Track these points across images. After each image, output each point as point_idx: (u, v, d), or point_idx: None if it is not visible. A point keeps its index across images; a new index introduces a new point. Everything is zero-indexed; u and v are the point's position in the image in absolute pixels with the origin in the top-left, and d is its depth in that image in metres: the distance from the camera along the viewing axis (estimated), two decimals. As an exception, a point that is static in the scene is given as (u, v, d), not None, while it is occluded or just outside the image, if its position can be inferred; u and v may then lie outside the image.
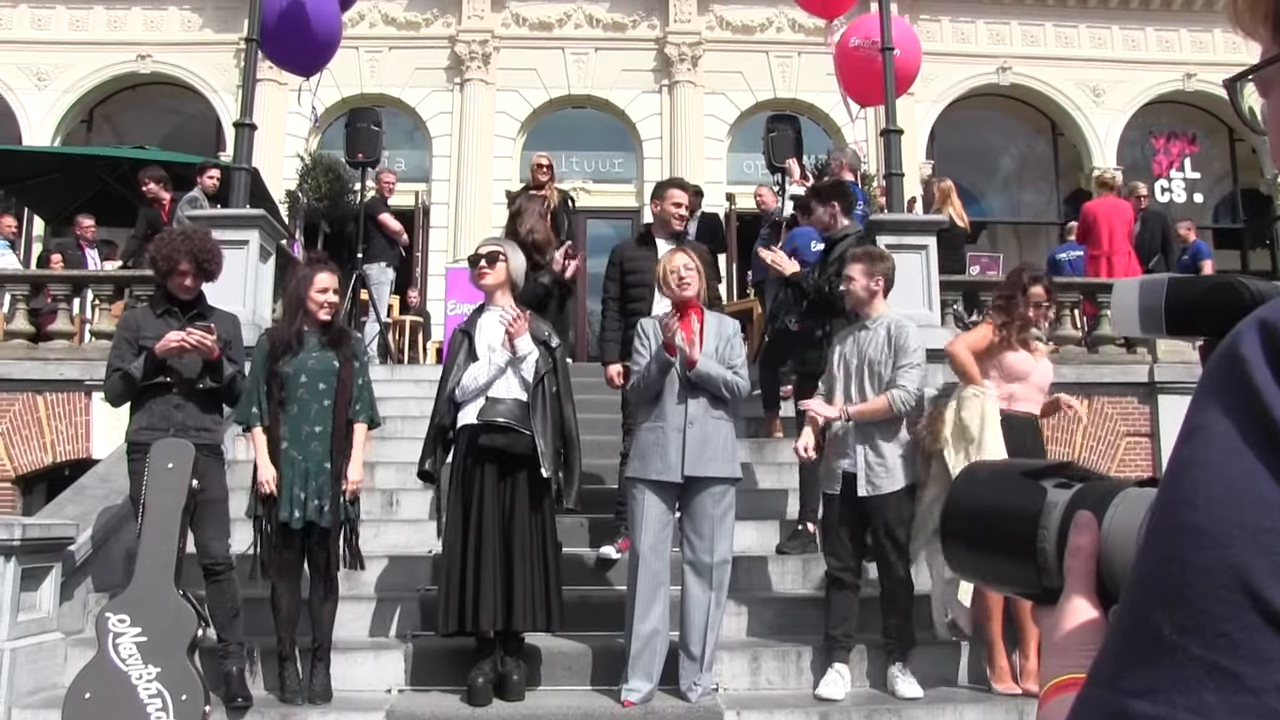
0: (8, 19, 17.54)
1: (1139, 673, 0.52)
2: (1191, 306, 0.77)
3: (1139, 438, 9.53)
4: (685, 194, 6.70)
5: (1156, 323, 0.79)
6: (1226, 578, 0.50)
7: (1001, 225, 19.72)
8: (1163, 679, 0.51)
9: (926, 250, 8.46)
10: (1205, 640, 0.50)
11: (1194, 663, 0.50)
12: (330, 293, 5.23)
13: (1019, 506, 0.78)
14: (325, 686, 5.05)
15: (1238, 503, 0.51)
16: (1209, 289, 0.76)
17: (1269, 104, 0.67)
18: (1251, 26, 0.66)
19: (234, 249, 7.35)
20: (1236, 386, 0.53)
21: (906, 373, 5.21)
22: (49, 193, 13.53)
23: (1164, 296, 0.79)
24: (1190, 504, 0.53)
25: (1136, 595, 0.55)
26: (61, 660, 5.33)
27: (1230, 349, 0.54)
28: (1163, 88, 18.08)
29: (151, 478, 4.82)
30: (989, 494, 0.83)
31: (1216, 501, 0.51)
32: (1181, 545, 0.52)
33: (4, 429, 9.33)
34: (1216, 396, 0.54)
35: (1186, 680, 0.50)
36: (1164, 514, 0.55)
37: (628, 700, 4.87)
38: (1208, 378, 0.55)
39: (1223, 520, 0.51)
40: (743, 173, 17.18)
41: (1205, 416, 0.54)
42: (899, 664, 5.24)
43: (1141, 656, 0.52)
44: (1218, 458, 0.52)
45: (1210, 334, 0.72)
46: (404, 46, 17.69)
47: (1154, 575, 0.54)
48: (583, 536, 6.47)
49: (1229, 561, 0.50)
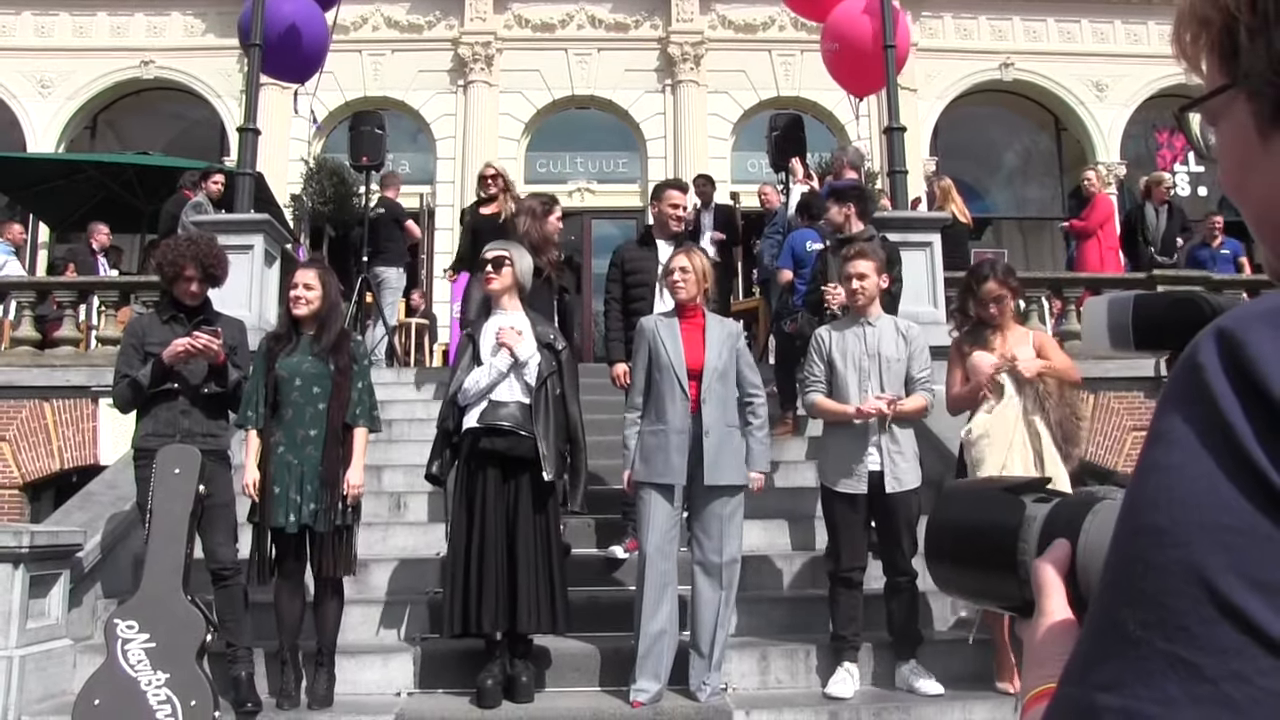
0: (11, 26, 17.56)
1: (1106, 668, 0.55)
2: (1157, 322, 0.79)
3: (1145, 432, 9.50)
4: (683, 195, 6.72)
5: (1125, 339, 0.81)
6: (1186, 574, 0.53)
7: (1006, 221, 19.69)
8: (1128, 672, 0.54)
9: (931, 247, 8.46)
10: (1167, 634, 0.53)
11: (1157, 656, 0.53)
12: (301, 287, 5.19)
13: (999, 521, 0.80)
14: (327, 692, 5.04)
15: (1197, 504, 0.54)
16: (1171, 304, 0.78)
17: (1217, 133, 0.69)
18: (1195, 57, 0.68)
19: (239, 254, 7.36)
20: (1196, 394, 0.56)
21: (929, 374, 5.35)
22: (54, 200, 13.58)
23: (1130, 314, 0.80)
24: (1153, 505, 0.56)
25: (1104, 595, 0.58)
26: (70, 667, 5.34)
27: (1190, 358, 0.57)
28: (1166, 82, 18.00)
29: (158, 484, 4.83)
30: (970, 511, 0.85)
31: (1177, 503, 0.54)
32: (1144, 545, 0.55)
33: (11, 436, 9.35)
34: (1177, 403, 0.57)
35: (1150, 673, 0.53)
36: (1129, 516, 0.58)
37: (636, 701, 4.88)
38: (1170, 385, 0.58)
39: (1183, 520, 0.54)
40: (747, 172, 17.15)
41: (1167, 423, 0.57)
42: (913, 661, 5.24)
43: (1108, 652, 0.55)
44: (1179, 461, 0.55)
45: (1176, 348, 0.74)
46: (407, 49, 17.68)
47: (1120, 575, 0.56)
48: (590, 537, 6.48)
49: (1188, 559, 0.53)
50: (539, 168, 17.87)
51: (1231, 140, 0.67)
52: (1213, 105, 0.67)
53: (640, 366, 5.17)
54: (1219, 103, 0.66)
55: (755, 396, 5.21)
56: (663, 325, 5.19)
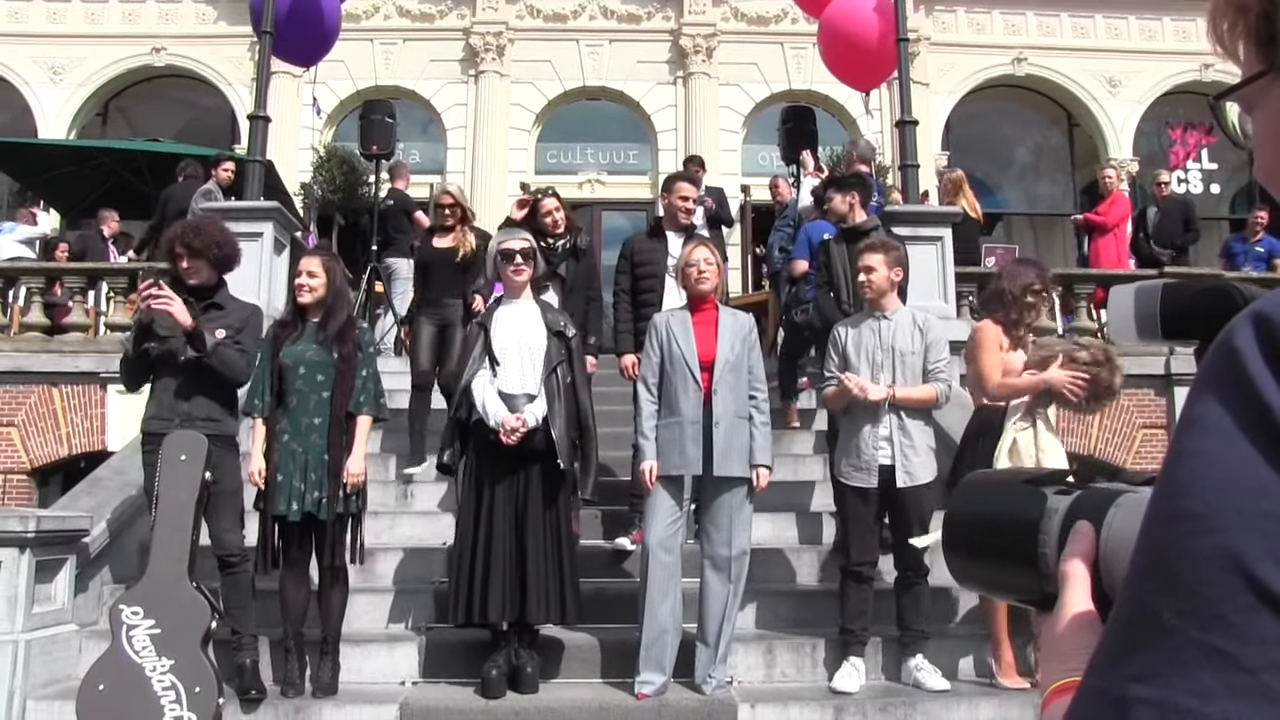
0: (24, 13, 17.59)
1: (1137, 658, 0.53)
2: (1185, 311, 0.77)
3: (1155, 430, 9.48)
4: (693, 188, 6.70)
5: (1152, 329, 0.79)
6: (1223, 561, 0.51)
7: (1017, 217, 19.64)
8: (1161, 663, 0.52)
9: (942, 242, 8.42)
10: (1202, 623, 0.51)
11: (1192, 645, 0.51)
12: (305, 274, 5.17)
13: (1020, 513, 0.79)
14: (332, 680, 5.04)
15: (1234, 489, 0.52)
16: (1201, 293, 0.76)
17: (1254, 121, 0.67)
18: (1232, 45, 0.67)
19: (248, 241, 7.35)
20: (1232, 377, 0.54)
21: (948, 368, 5.29)
22: (64, 186, 13.59)
23: (1158, 303, 0.79)
24: (1187, 491, 0.54)
25: (1135, 584, 0.56)
26: (76, 652, 5.35)
27: (1226, 341, 0.55)
28: (1180, 78, 17.94)
29: (164, 470, 4.83)
30: (989, 503, 0.84)
31: (1213, 488, 0.53)
32: (1179, 532, 0.53)
33: (20, 421, 9.37)
34: (1212, 388, 0.55)
35: (1185, 663, 0.51)
36: (1162, 502, 0.56)
37: (641, 693, 4.87)
38: (1204, 370, 0.56)
39: (1219, 506, 0.52)
40: (758, 164, 17.12)
41: (1201, 407, 0.55)
42: (920, 656, 5.22)
43: (1140, 642, 0.53)
44: (1214, 446, 0.54)
45: (1205, 338, 0.72)
46: (418, 38, 17.67)
47: (1152, 563, 0.55)
48: (598, 528, 6.47)
49: (1225, 546, 0.51)
50: (549, 159, 17.86)
51: (1268, 126, 0.66)
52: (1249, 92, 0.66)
53: (653, 361, 5.15)
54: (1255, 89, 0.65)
55: (759, 391, 5.19)
56: (674, 319, 5.19)
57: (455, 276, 7.11)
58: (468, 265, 7.09)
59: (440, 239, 7.27)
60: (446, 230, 7.24)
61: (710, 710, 4.90)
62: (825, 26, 9.48)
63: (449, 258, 7.12)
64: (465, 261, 7.10)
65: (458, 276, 7.12)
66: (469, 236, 7.22)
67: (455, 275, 7.11)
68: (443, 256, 7.16)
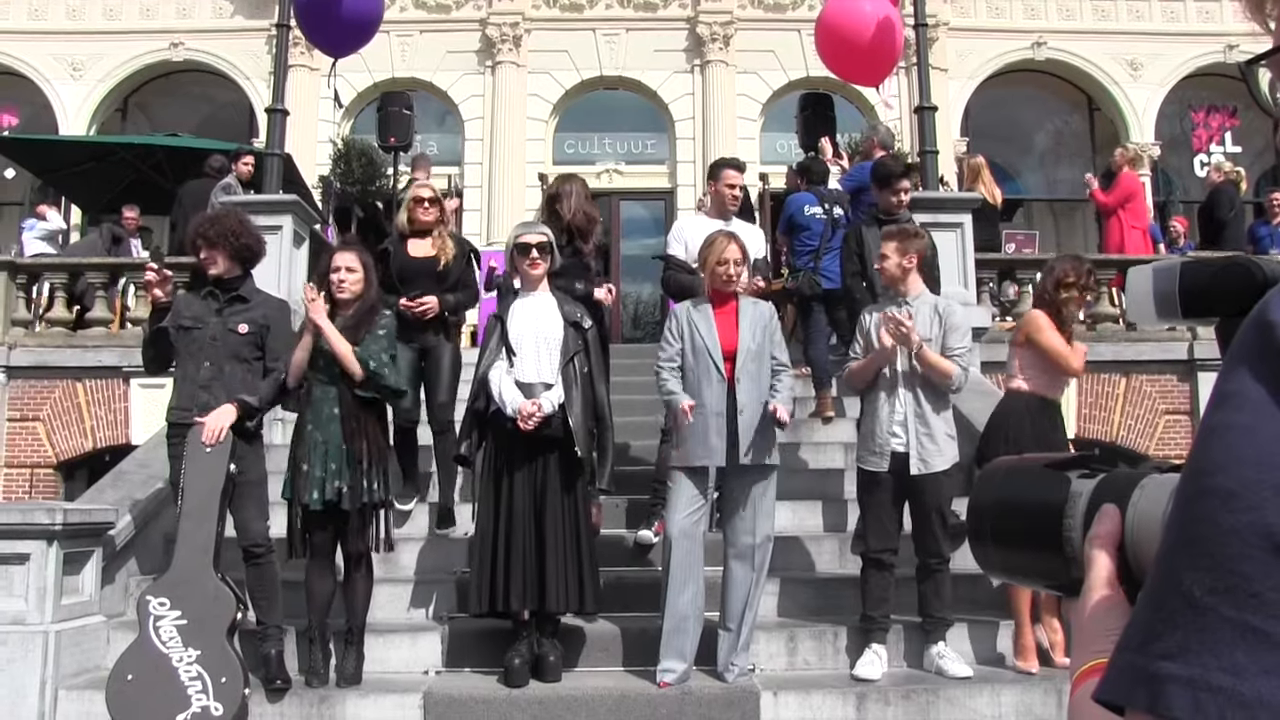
0: (43, 9, 17.69)
1: (1170, 635, 0.52)
2: (1204, 289, 0.77)
3: (1178, 415, 9.43)
4: (740, 174, 6.56)
5: (1172, 308, 0.79)
6: (1258, 538, 0.50)
7: (1037, 202, 19.51)
8: (1194, 640, 0.51)
9: (962, 228, 8.39)
10: (1237, 601, 0.50)
11: (1225, 623, 0.50)
12: (343, 270, 5.16)
13: (1044, 498, 0.78)
14: (356, 670, 5.07)
15: (1269, 464, 0.51)
16: (1220, 271, 0.75)
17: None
18: (1272, 10, 0.65)
19: (268, 234, 7.33)
20: (1266, 351, 0.53)
21: (965, 354, 5.26)
22: (86, 182, 13.68)
23: (1177, 282, 0.78)
24: (1221, 467, 0.53)
25: (1167, 560, 0.55)
26: (104, 643, 5.40)
27: (1260, 316, 0.54)
28: (1203, 60, 17.75)
29: (190, 462, 4.86)
30: (1012, 489, 0.83)
31: (1248, 464, 0.52)
32: (1212, 508, 0.53)
33: (45, 415, 9.46)
34: (1247, 362, 0.54)
35: (1218, 641, 0.50)
36: (1194, 478, 0.55)
37: (664, 681, 4.88)
38: (1238, 344, 0.55)
39: (1254, 482, 0.51)
40: (776, 152, 17.06)
41: (1235, 382, 0.54)
42: (942, 644, 5.22)
43: (1172, 620, 0.53)
44: (1249, 421, 0.53)
45: (1225, 315, 0.72)
46: (435, 30, 17.68)
47: (1184, 539, 0.54)
48: (619, 518, 6.47)
49: (1261, 522, 0.50)
50: (567, 149, 17.86)
51: None
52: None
53: (672, 350, 5.16)
54: None
55: (782, 368, 5.18)
56: (696, 311, 5.19)
57: (435, 289, 6.17)
58: (447, 275, 6.22)
59: (417, 245, 6.26)
60: (423, 234, 6.28)
61: (732, 698, 4.91)
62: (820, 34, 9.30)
63: (429, 267, 6.18)
64: (446, 271, 6.21)
65: (438, 289, 6.19)
66: (448, 243, 6.31)
67: (435, 288, 6.17)
68: (421, 266, 6.19)
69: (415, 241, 6.26)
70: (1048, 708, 5.00)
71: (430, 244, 6.24)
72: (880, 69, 9.14)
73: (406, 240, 6.29)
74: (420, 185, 6.81)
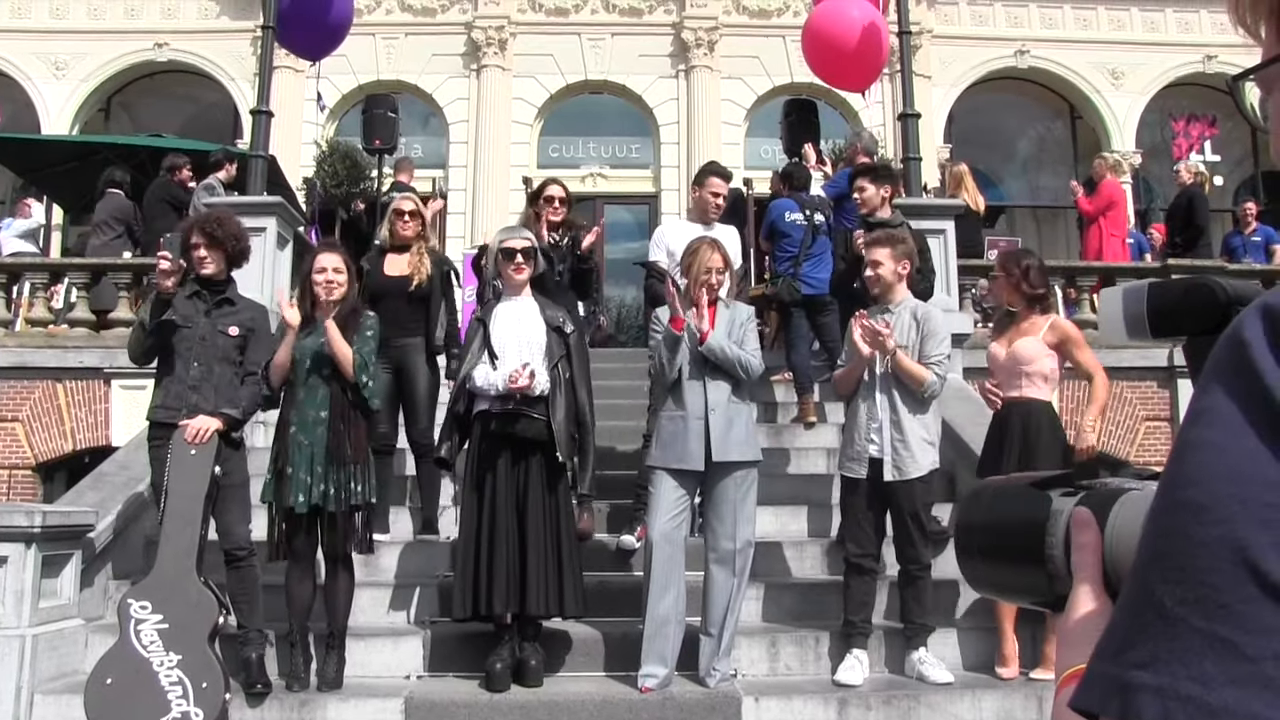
0: (26, 8, 17.60)
1: (1142, 645, 0.53)
2: (1172, 309, 0.79)
3: (1158, 422, 9.49)
4: (725, 182, 6.62)
5: (1141, 328, 0.81)
6: (1227, 551, 0.51)
7: (1020, 209, 19.60)
8: (1164, 650, 0.52)
9: (945, 234, 8.42)
10: (1206, 612, 0.51)
11: (1195, 634, 0.51)
12: (330, 271, 5.15)
13: (1027, 516, 0.81)
14: (337, 674, 5.05)
15: (1240, 480, 0.52)
16: (1186, 291, 0.77)
17: (1272, 101, 0.67)
18: (1254, 25, 0.66)
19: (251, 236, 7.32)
20: (1239, 369, 0.54)
21: (941, 361, 5.24)
22: (68, 182, 13.60)
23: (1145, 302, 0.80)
24: (1193, 482, 0.54)
25: (1140, 572, 0.56)
26: (82, 647, 5.37)
27: (1234, 333, 0.55)
28: (1182, 70, 17.90)
29: (174, 464, 4.84)
30: (997, 508, 0.86)
31: (1219, 479, 0.53)
32: (1184, 521, 0.54)
33: (24, 417, 9.39)
34: (1220, 379, 0.55)
35: (1187, 651, 0.51)
36: (1168, 492, 0.56)
37: (645, 686, 4.88)
38: (1213, 361, 0.56)
39: (1225, 496, 0.52)
40: (760, 158, 17.10)
41: (1209, 399, 0.55)
42: (924, 649, 5.23)
43: (1145, 630, 0.54)
44: (1221, 438, 0.54)
45: (1192, 333, 0.74)
46: (420, 33, 17.66)
47: (1157, 551, 0.55)
48: (602, 523, 6.47)
49: (1230, 536, 0.51)
50: (551, 152, 17.85)
51: None
52: (1270, 73, 0.66)
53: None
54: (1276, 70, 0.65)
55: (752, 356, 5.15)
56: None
57: (410, 310, 6.10)
58: (425, 295, 6.13)
59: (394, 262, 6.14)
60: (401, 250, 6.17)
61: (714, 703, 4.91)
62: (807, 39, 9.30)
63: (401, 287, 6.05)
64: (421, 292, 6.10)
65: (413, 310, 6.12)
66: (425, 261, 6.13)
67: (409, 309, 6.10)
68: (395, 286, 6.06)
69: (393, 257, 6.18)
70: (1028, 713, 5.02)
71: (407, 262, 6.12)
72: (866, 75, 9.17)
73: (385, 255, 6.22)
74: (403, 198, 6.72)
